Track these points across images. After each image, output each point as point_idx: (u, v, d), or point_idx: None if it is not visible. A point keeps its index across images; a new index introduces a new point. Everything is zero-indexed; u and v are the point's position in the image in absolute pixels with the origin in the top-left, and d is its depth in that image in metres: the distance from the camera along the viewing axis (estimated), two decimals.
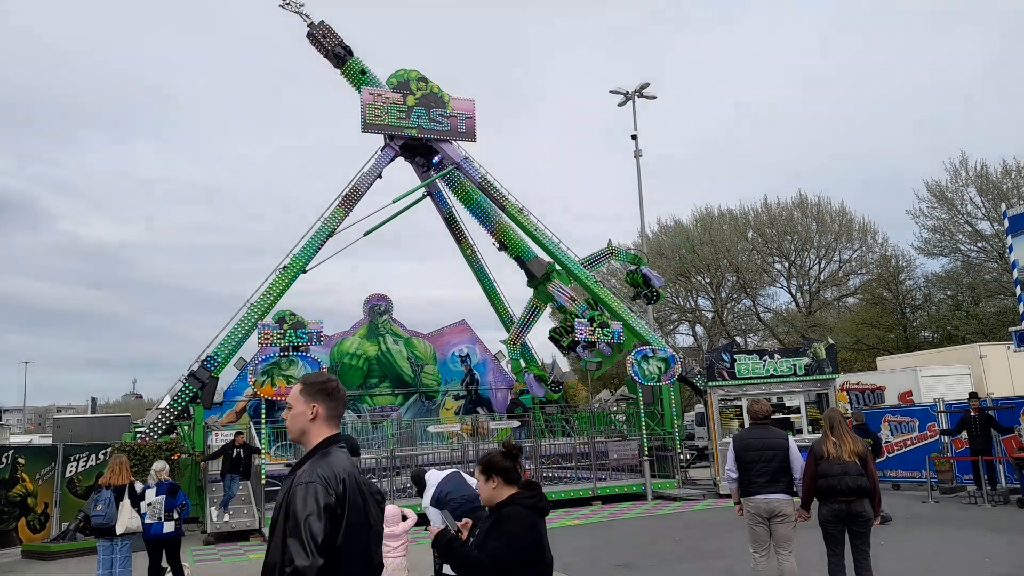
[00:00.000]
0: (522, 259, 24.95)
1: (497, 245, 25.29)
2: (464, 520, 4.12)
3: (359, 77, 23.04)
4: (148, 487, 9.77)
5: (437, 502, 7.29)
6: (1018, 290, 16.10)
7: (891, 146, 73.83)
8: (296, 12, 22.77)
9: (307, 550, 2.61)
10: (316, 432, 3.00)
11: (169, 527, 9.67)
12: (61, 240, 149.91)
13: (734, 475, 7.59)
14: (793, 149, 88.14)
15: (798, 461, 7.37)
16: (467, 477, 7.66)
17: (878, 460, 15.57)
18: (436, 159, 24.40)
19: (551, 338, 24.72)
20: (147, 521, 9.56)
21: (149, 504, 9.60)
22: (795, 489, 7.47)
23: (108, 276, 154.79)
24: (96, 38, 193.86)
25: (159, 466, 10.04)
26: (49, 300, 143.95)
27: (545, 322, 63.28)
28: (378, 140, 23.19)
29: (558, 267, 24.00)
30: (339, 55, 23.09)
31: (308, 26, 22.98)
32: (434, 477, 7.69)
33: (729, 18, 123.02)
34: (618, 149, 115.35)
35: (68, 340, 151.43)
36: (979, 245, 33.57)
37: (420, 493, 7.82)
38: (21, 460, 16.05)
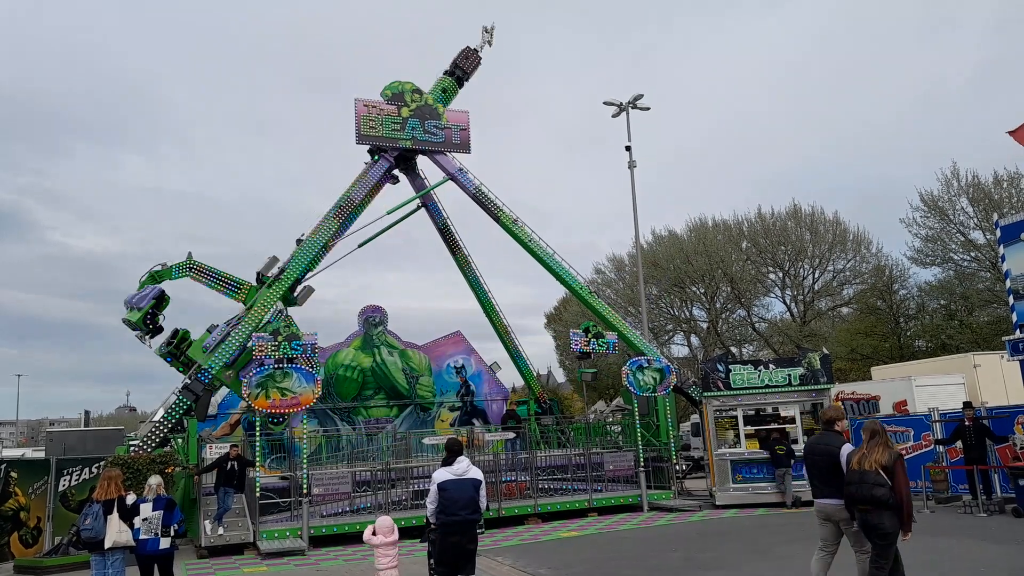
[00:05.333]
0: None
1: None
2: None
3: None
4: (144, 501, 9.68)
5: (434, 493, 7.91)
6: (1011, 299, 16.15)
7: (885, 155, 74.25)
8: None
9: None
10: None
11: (165, 543, 9.58)
12: (51, 251, 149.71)
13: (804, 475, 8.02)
14: (788, 159, 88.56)
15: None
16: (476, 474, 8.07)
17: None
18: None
19: None
20: (142, 536, 9.47)
21: (145, 519, 9.51)
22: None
23: (99, 287, 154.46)
24: (82, 46, 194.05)
25: (156, 481, 9.96)
26: (40, 312, 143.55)
27: (544, 333, 62.86)
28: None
29: None
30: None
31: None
32: (442, 474, 8.02)
33: (720, 27, 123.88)
34: (612, 158, 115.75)
35: (60, 352, 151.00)
36: (972, 254, 33.73)
37: (447, 463, 8.20)
38: (14, 474, 15.94)
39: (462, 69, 25.10)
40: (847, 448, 7.58)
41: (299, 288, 20.98)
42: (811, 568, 7.82)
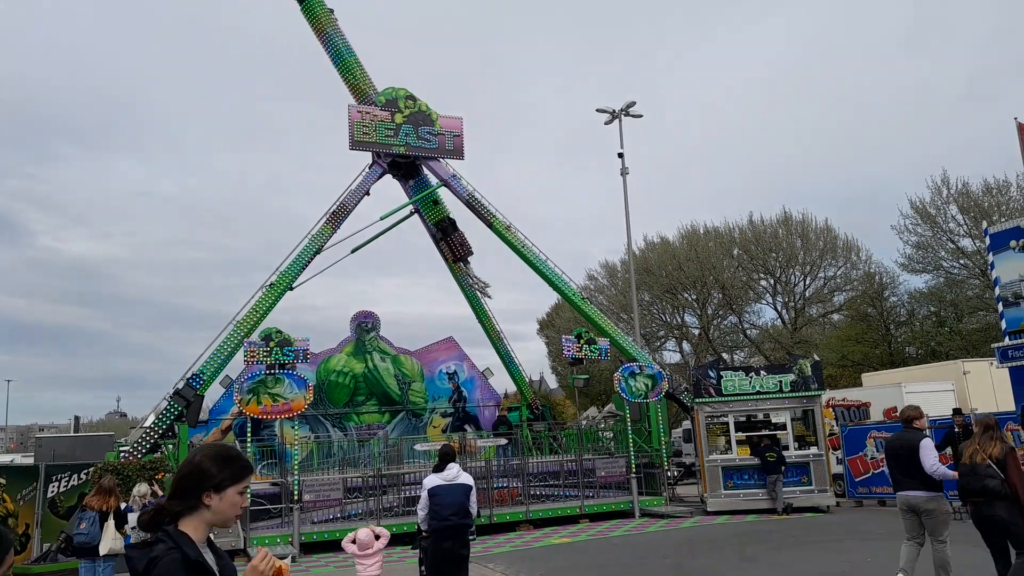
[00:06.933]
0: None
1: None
2: None
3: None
4: (131, 510, 9.66)
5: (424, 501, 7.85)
6: (1000, 307, 16.25)
7: (876, 162, 74.68)
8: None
9: None
10: None
11: None
12: (41, 256, 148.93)
13: (886, 472, 8.80)
14: (777, 166, 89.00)
15: (926, 460, 7.96)
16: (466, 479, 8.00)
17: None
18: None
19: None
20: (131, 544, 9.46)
21: (133, 528, 9.49)
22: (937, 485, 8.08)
23: (89, 292, 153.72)
24: (75, 51, 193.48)
25: (142, 490, 9.93)
26: (30, 317, 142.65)
27: (536, 339, 62.63)
28: (366, 157, 23.24)
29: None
30: None
31: None
32: (432, 480, 7.99)
33: (711, 35, 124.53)
34: (605, 165, 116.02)
35: (50, 358, 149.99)
36: (961, 262, 33.93)
37: (438, 469, 8.12)
38: (2, 480, 15.79)
39: (453, 246, 24.86)
40: (927, 441, 8.12)
41: None
42: (900, 557, 8.28)
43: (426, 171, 24.62)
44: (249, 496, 11.42)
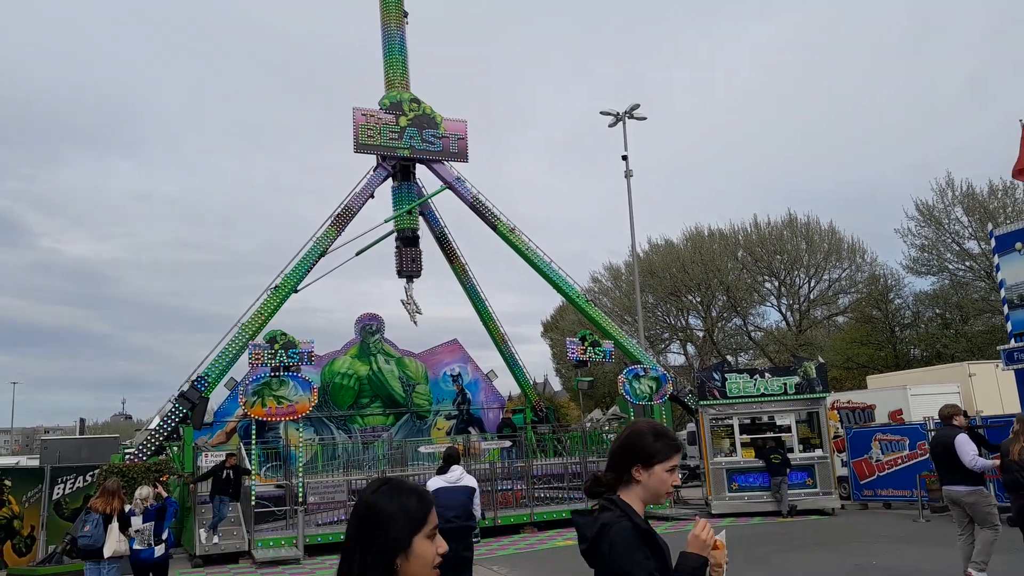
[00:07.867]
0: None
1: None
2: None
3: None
4: (133, 514, 9.68)
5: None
6: (1006, 309, 16.21)
7: (879, 164, 74.58)
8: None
9: None
10: None
11: (160, 551, 9.62)
12: (42, 258, 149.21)
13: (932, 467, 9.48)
14: (776, 167, 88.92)
15: (964, 455, 8.44)
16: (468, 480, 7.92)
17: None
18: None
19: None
20: (136, 546, 9.48)
21: (137, 531, 9.53)
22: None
23: (92, 294, 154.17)
24: (75, 52, 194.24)
25: (143, 493, 9.95)
26: (33, 318, 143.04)
27: (540, 342, 62.70)
28: (370, 160, 23.30)
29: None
30: None
31: None
32: (435, 482, 8.03)
33: (709, 36, 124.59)
34: (608, 167, 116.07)
35: (55, 360, 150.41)
36: (966, 264, 33.85)
37: (441, 471, 8.21)
38: (8, 482, 15.90)
39: (404, 260, 24.53)
40: (961, 436, 8.62)
41: None
42: (959, 552, 8.88)
43: (416, 177, 24.66)
44: (254, 498, 11.42)
